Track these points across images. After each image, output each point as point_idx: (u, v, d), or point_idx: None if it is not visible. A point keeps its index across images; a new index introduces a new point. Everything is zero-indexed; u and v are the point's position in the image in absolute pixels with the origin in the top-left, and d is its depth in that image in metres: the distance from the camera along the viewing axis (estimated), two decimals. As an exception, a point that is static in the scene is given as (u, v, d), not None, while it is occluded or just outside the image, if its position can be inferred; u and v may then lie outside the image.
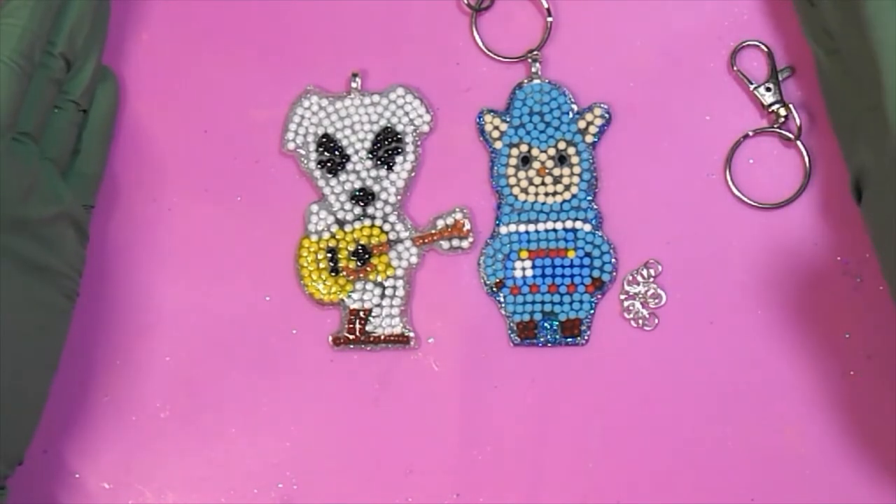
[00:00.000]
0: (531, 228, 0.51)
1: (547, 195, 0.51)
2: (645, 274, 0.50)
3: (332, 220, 0.52)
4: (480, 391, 0.51)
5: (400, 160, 0.52)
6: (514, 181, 0.51)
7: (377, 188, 0.52)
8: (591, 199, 0.51)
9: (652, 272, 0.50)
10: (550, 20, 0.52)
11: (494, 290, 0.51)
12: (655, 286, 0.50)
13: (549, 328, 0.50)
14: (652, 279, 0.50)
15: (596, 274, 0.50)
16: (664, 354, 0.50)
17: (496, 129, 0.51)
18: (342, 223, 0.52)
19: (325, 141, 0.52)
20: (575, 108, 0.51)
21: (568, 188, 0.51)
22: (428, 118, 0.52)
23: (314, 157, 0.52)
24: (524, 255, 0.51)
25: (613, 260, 0.50)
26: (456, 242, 0.51)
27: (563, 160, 0.51)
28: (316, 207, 0.52)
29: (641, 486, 0.50)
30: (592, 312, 0.50)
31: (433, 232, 0.51)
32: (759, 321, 0.50)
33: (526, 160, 0.51)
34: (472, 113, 0.52)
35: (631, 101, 0.51)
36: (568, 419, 0.50)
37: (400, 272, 0.51)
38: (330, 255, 0.51)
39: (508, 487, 0.50)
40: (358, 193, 0.52)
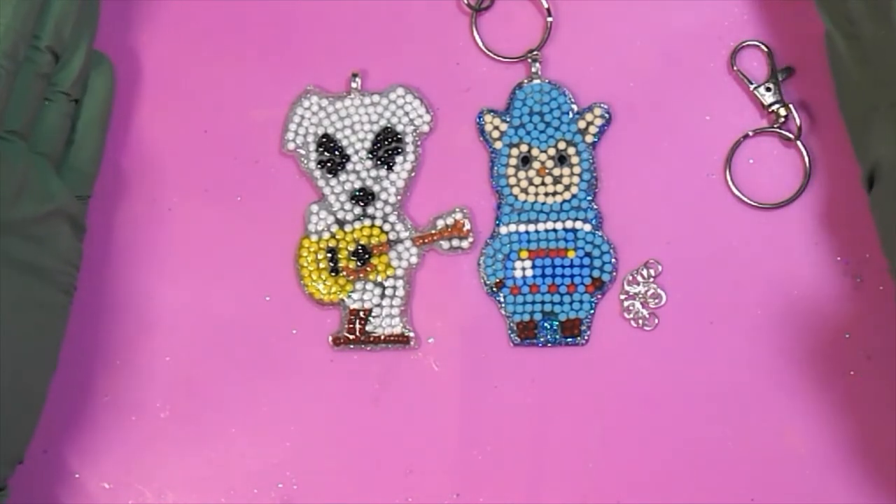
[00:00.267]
0: (531, 228, 0.51)
1: (547, 195, 0.51)
2: (645, 274, 0.50)
3: (332, 220, 0.52)
4: (480, 391, 0.51)
5: (400, 160, 0.52)
6: (514, 181, 0.51)
7: (377, 188, 0.52)
8: (591, 199, 0.51)
9: (652, 272, 0.50)
10: (550, 20, 0.52)
11: (494, 290, 0.51)
12: (655, 286, 0.50)
13: (549, 328, 0.50)
14: (652, 279, 0.50)
15: (596, 274, 0.50)
16: (664, 354, 0.50)
17: (496, 129, 0.51)
18: (342, 223, 0.52)
19: (325, 141, 0.52)
20: (575, 108, 0.51)
21: (568, 188, 0.51)
22: (428, 118, 0.52)
23: (314, 157, 0.52)
24: (524, 255, 0.51)
25: (613, 260, 0.50)
26: (456, 242, 0.51)
27: (563, 160, 0.51)
28: (316, 207, 0.52)
29: (641, 486, 0.50)
30: (592, 312, 0.50)
31: (433, 232, 0.51)
32: (759, 321, 0.50)
33: (526, 160, 0.51)
34: (472, 113, 0.52)
35: (631, 101, 0.51)
36: (568, 419, 0.50)
37: (400, 272, 0.51)
38: (330, 255, 0.51)
39: (508, 487, 0.50)
40: (358, 193, 0.52)
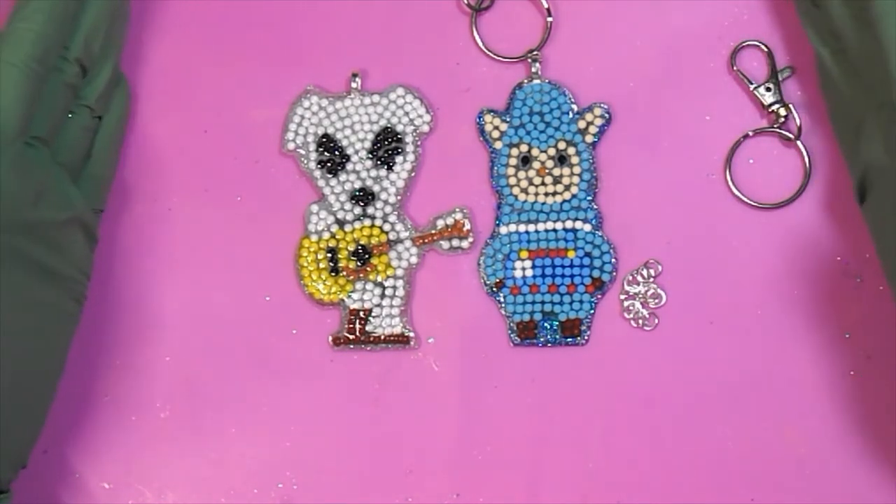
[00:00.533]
0: (531, 228, 0.51)
1: (547, 195, 0.51)
2: (645, 274, 0.50)
3: (332, 220, 0.52)
4: (480, 391, 0.51)
5: (400, 160, 0.52)
6: (514, 181, 0.51)
7: (377, 188, 0.52)
8: (591, 199, 0.51)
9: (652, 272, 0.50)
10: (550, 20, 0.52)
11: (494, 290, 0.51)
12: (655, 286, 0.50)
13: (549, 328, 0.50)
14: (652, 279, 0.50)
15: (596, 274, 0.50)
16: (664, 354, 0.50)
17: (496, 129, 0.51)
18: (342, 223, 0.52)
19: (325, 141, 0.52)
20: (575, 108, 0.51)
21: (568, 188, 0.51)
22: (428, 118, 0.52)
23: (314, 157, 0.52)
24: (524, 255, 0.51)
25: (613, 260, 0.50)
26: (456, 242, 0.51)
27: (563, 160, 0.51)
28: (316, 207, 0.52)
29: (641, 486, 0.50)
30: (592, 312, 0.50)
31: (433, 232, 0.51)
32: (759, 321, 0.50)
33: (526, 160, 0.51)
34: (472, 113, 0.52)
35: (631, 101, 0.51)
36: (568, 419, 0.50)
37: (400, 272, 0.51)
38: (330, 255, 0.51)
39: (508, 487, 0.50)
40: (358, 193, 0.52)
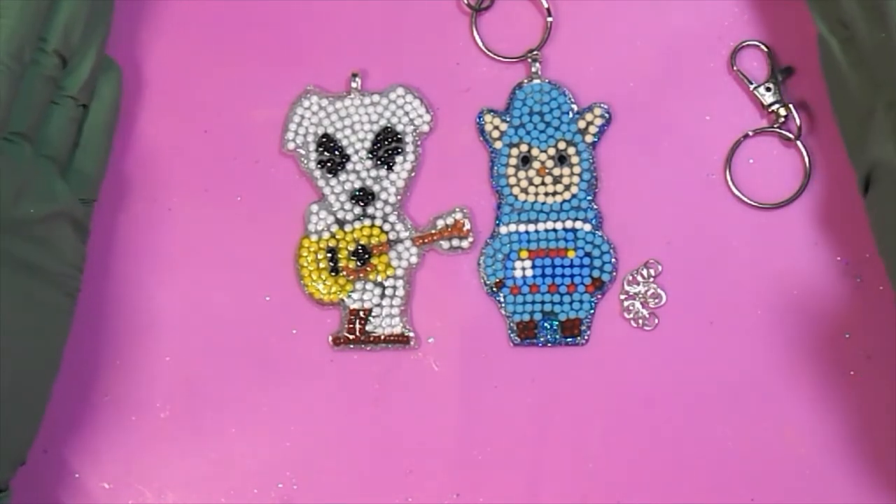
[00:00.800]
0: (531, 228, 0.51)
1: (547, 195, 0.51)
2: (645, 274, 0.50)
3: (332, 220, 0.52)
4: (480, 391, 0.51)
5: (400, 160, 0.52)
6: (514, 181, 0.51)
7: (377, 188, 0.52)
8: (591, 199, 0.51)
9: (652, 272, 0.50)
10: (550, 20, 0.52)
11: (494, 290, 0.51)
12: (655, 286, 0.50)
13: (549, 328, 0.50)
14: (652, 279, 0.50)
15: (596, 274, 0.50)
16: (664, 354, 0.50)
17: (496, 129, 0.51)
18: (342, 223, 0.52)
19: (325, 141, 0.52)
20: (575, 108, 0.51)
21: (568, 188, 0.51)
22: (428, 118, 0.52)
23: (314, 157, 0.52)
24: (524, 254, 0.51)
25: (613, 260, 0.50)
26: (456, 242, 0.51)
27: (563, 160, 0.51)
28: (316, 207, 0.52)
29: (641, 486, 0.50)
30: (592, 312, 0.50)
31: (433, 232, 0.51)
32: (759, 321, 0.50)
33: (526, 160, 0.51)
34: (472, 113, 0.52)
35: (631, 101, 0.51)
36: (568, 419, 0.50)
37: (400, 272, 0.51)
38: (330, 255, 0.51)
39: (508, 487, 0.50)
40: (358, 193, 0.52)
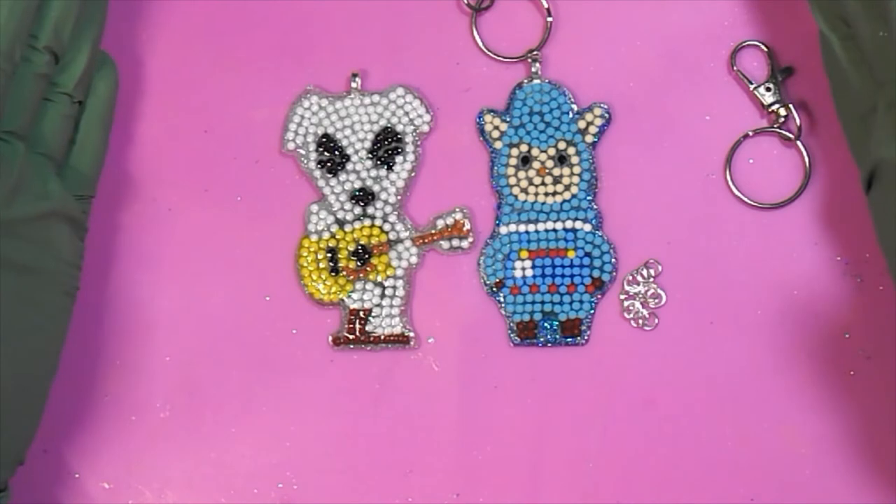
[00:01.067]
0: (531, 228, 0.51)
1: (547, 195, 0.51)
2: (645, 274, 0.50)
3: (332, 220, 0.52)
4: (480, 391, 0.51)
5: (400, 160, 0.52)
6: (514, 181, 0.51)
7: (377, 188, 0.52)
8: (591, 199, 0.51)
9: (652, 272, 0.50)
10: (550, 20, 0.52)
11: (494, 290, 0.51)
12: (655, 286, 0.50)
13: (549, 328, 0.50)
14: (652, 279, 0.50)
15: (596, 274, 0.50)
16: (664, 354, 0.50)
17: (496, 129, 0.51)
18: (342, 223, 0.52)
19: (325, 141, 0.52)
20: (575, 108, 0.51)
21: (568, 188, 0.51)
22: (428, 118, 0.52)
23: (314, 157, 0.52)
24: (524, 255, 0.51)
25: (613, 260, 0.50)
26: (456, 242, 0.51)
27: (563, 160, 0.51)
28: (316, 207, 0.52)
29: (641, 486, 0.50)
30: (592, 312, 0.50)
31: (433, 232, 0.51)
32: (759, 321, 0.50)
33: (526, 160, 0.51)
34: (472, 113, 0.52)
35: (631, 101, 0.51)
36: (568, 419, 0.50)
37: (400, 272, 0.51)
38: (330, 255, 0.51)
39: (508, 487, 0.50)
40: (358, 193, 0.52)
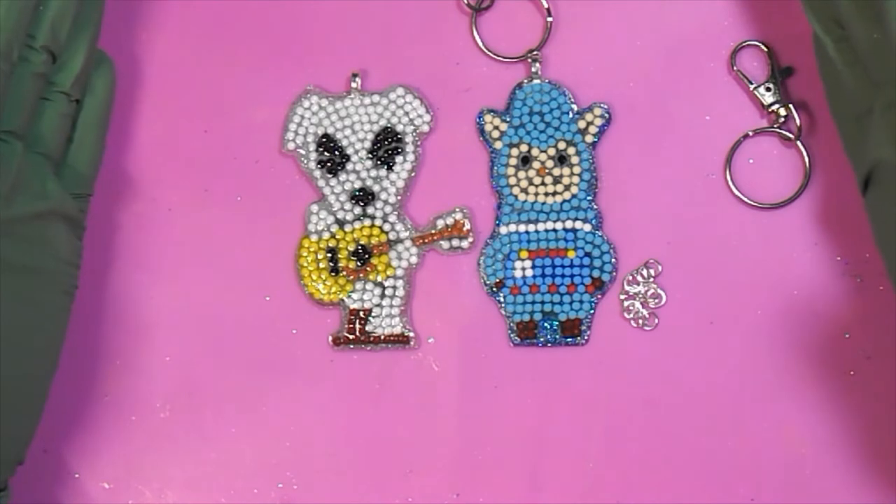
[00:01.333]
0: (531, 228, 0.51)
1: (547, 195, 0.51)
2: (645, 274, 0.50)
3: (332, 220, 0.52)
4: (480, 391, 0.51)
5: (400, 160, 0.52)
6: (514, 181, 0.51)
7: (377, 188, 0.52)
8: (591, 199, 0.51)
9: (652, 272, 0.50)
10: (550, 20, 0.52)
11: (494, 290, 0.51)
12: (655, 286, 0.50)
13: (549, 328, 0.50)
14: (652, 279, 0.50)
15: (596, 274, 0.50)
16: (664, 354, 0.50)
17: (496, 129, 0.51)
18: (342, 223, 0.52)
19: (325, 141, 0.52)
20: (575, 108, 0.51)
21: (568, 188, 0.51)
22: (428, 118, 0.52)
23: (314, 157, 0.52)
24: (524, 255, 0.51)
25: (613, 260, 0.50)
26: (456, 242, 0.51)
27: (563, 160, 0.51)
28: (316, 207, 0.52)
29: (641, 486, 0.50)
30: (592, 312, 0.50)
31: (433, 232, 0.51)
32: (759, 321, 0.50)
33: (526, 160, 0.51)
34: (472, 113, 0.52)
35: (631, 101, 0.51)
36: (568, 419, 0.50)
37: (400, 272, 0.51)
38: (330, 255, 0.51)
39: (508, 487, 0.50)
40: (358, 193, 0.52)
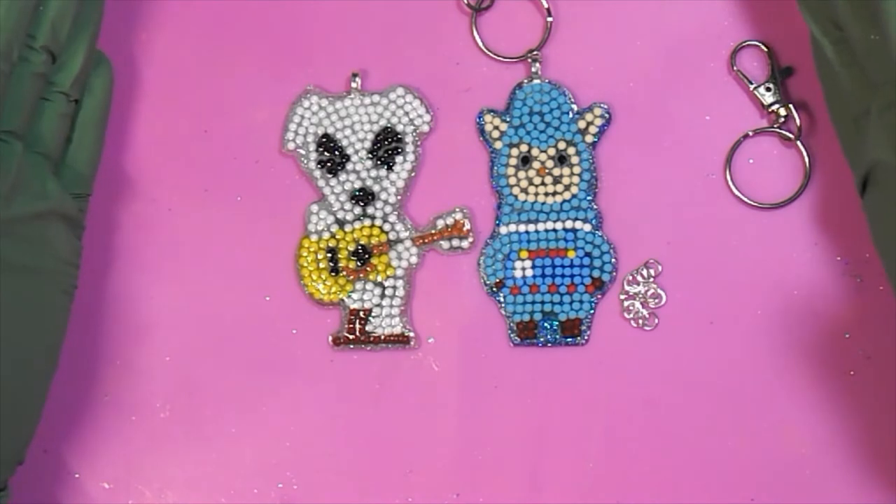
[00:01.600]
0: (531, 228, 0.51)
1: (547, 195, 0.51)
2: (645, 274, 0.50)
3: (332, 220, 0.52)
4: (480, 391, 0.51)
5: (400, 160, 0.52)
6: (514, 181, 0.51)
7: (377, 188, 0.52)
8: (591, 199, 0.51)
9: (652, 272, 0.50)
10: (550, 20, 0.52)
11: (494, 290, 0.51)
12: (655, 286, 0.50)
13: (549, 328, 0.50)
14: (652, 279, 0.50)
15: (596, 274, 0.50)
16: (664, 354, 0.50)
17: (496, 129, 0.51)
18: (342, 223, 0.52)
19: (325, 141, 0.52)
20: (575, 108, 0.51)
21: (568, 188, 0.51)
22: (428, 118, 0.52)
23: (314, 157, 0.52)
24: (524, 255, 0.51)
25: (613, 260, 0.50)
26: (456, 242, 0.51)
27: (563, 160, 0.51)
28: (316, 207, 0.52)
29: (641, 486, 0.50)
30: (592, 312, 0.50)
31: (433, 232, 0.51)
32: (759, 321, 0.50)
33: (526, 160, 0.51)
34: (472, 113, 0.52)
35: (631, 101, 0.51)
36: (568, 419, 0.50)
37: (400, 272, 0.51)
38: (330, 255, 0.51)
39: (508, 487, 0.50)
40: (358, 193, 0.52)
